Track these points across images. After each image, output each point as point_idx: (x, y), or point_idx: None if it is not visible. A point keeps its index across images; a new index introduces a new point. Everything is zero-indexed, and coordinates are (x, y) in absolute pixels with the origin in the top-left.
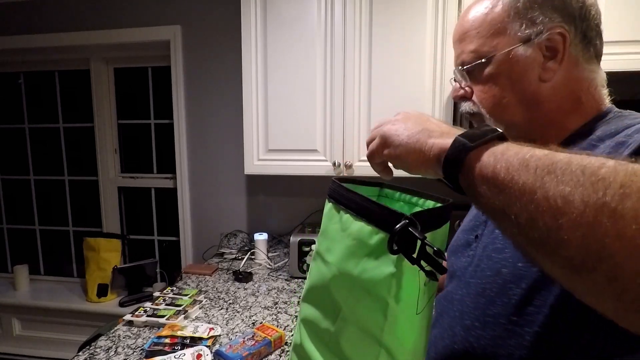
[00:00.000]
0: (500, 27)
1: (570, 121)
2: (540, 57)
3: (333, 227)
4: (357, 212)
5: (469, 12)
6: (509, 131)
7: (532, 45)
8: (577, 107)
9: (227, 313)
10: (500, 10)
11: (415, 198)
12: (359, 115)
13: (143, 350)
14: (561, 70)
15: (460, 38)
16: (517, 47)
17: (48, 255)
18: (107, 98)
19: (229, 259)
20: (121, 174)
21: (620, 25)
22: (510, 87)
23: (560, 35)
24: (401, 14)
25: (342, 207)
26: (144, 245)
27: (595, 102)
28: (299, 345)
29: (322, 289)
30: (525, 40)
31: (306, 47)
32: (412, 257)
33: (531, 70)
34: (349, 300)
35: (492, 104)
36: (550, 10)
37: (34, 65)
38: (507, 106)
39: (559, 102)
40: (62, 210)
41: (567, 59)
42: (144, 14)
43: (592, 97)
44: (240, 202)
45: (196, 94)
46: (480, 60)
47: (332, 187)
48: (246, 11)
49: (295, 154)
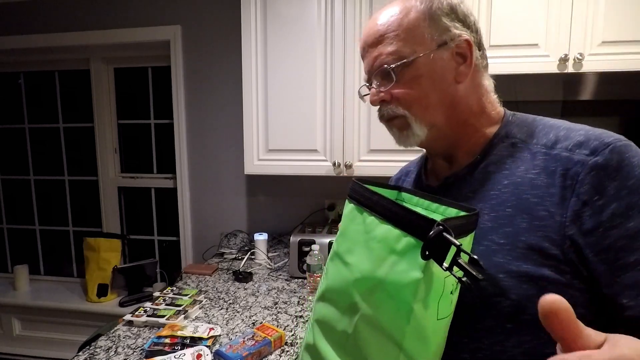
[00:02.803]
0: (418, 32)
1: (481, 122)
2: (453, 61)
3: (355, 229)
4: (384, 215)
5: (378, 17)
6: (431, 132)
7: (447, 49)
8: (483, 110)
9: (227, 313)
10: (415, 17)
11: (435, 205)
12: (359, 115)
13: (143, 350)
14: (470, 74)
15: (377, 41)
16: (436, 50)
17: (48, 255)
18: (107, 98)
19: (229, 259)
20: (121, 174)
21: (620, 25)
22: (432, 88)
23: (466, 43)
24: None
25: (365, 209)
26: (144, 245)
27: (494, 106)
28: (312, 346)
29: (340, 290)
30: (441, 44)
31: (306, 47)
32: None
33: (449, 72)
34: (371, 302)
35: (415, 105)
36: (456, 21)
37: (34, 65)
38: (429, 107)
39: (469, 104)
40: (62, 210)
41: (473, 65)
42: (144, 14)
43: (491, 101)
44: (240, 202)
45: (196, 94)
46: (403, 60)
47: (353, 188)
48: (246, 11)
49: (295, 154)
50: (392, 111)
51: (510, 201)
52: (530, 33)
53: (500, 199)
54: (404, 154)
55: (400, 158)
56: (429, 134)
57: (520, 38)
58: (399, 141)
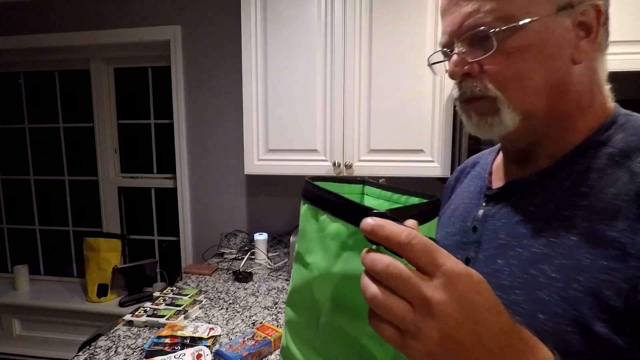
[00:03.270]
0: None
1: (584, 120)
2: (574, 33)
3: (311, 228)
4: (333, 212)
5: None
6: (523, 123)
7: (569, 15)
8: (591, 104)
9: (227, 313)
10: None
11: (397, 195)
12: (359, 115)
13: (143, 350)
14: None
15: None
16: (555, 15)
17: (48, 255)
18: (107, 98)
19: (229, 259)
20: (121, 174)
21: (620, 25)
22: (540, 65)
23: (596, 10)
24: (401, 14)
25: (318, 208)
26: (144, 245)
27: (604, 99)
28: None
29: (303, 291)
30: (563, 7)
31: (306, 47)
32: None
33: (566, 47)
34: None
35: (513, 85)
36: None
37: (34, 65)
38: (530, 90)
39: (580, 93)
40: (62, 210)
41: (597, 41)
42: (144, 14)
43: (602, 93)
44: (240, 202)
45: (196, 94)
46: (511, 24)
47: (306, 188)
48: (246, 11)
49: (295, 154)
50: (479, 90)
51: (579, 228)
52: None
53: (569, 222)
54: (405, 154)
55: (401, 158)
56: (520, 125)
57: None
58: (476, 129)
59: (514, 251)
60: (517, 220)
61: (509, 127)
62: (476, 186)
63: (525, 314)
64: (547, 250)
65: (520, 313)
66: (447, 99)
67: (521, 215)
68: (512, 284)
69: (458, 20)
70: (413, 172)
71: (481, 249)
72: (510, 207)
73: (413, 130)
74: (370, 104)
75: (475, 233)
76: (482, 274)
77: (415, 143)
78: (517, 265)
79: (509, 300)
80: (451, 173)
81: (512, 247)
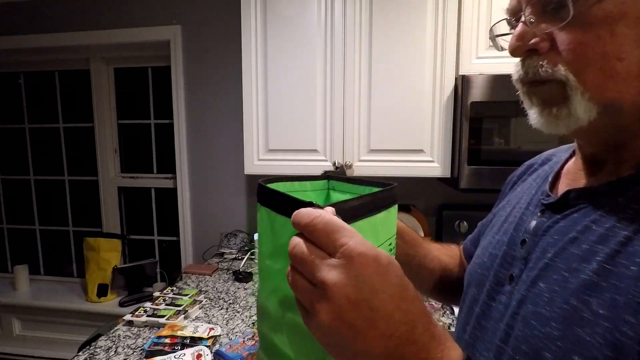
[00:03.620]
0: None
1: None
2: None
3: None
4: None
5: None
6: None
7: None
8: None
9: (227, 313)
10: None
11: (362, 187)
12: (359, 115)
13: (143, 350)
14: None
15: None
16: None
17: (48, 255)
18: (107, 98)
19: (229, 259)
20: (121, 174)
21: None
22: (631, 43)
23: None
24: (401, 14)
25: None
26: (144, 245)
27: None
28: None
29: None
30: None
31: (306, 47)
32: None
33: None
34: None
35: (593, 66)
36: None
37: (34, 65)
38: (619, 73)
39: None
40: (62, 210)
41: None
42: (144, 14)
43: None
44: (240, 202)
45: (196, 94)
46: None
47: (258, 190)
48: (246, 11)
49: (295, 154)
50: (544, 71)
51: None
52: None
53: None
54: (405, 154)
55: (401, 158)
56: (597, 119)
57: None
58: (538, 120)
59: (560, 275)
60: (571, 238)
61: (582, 120)
62: (537, 190)
63: (558, 352)
64: (597, 279)
65: (552, 350)
66: (447, 99)
67: (576, 232)
68: (550, 313)
69: None
70: (413, 172)
71: (527, 268)
72: (567, 221)
73: (413, 130)
74: (370, 104)
75: (524, 248)
76: (522, 298)
77: (415, 143)
78: (560, 293)
79: (542, 332)
80: (451, 173)
81: (557, 270)
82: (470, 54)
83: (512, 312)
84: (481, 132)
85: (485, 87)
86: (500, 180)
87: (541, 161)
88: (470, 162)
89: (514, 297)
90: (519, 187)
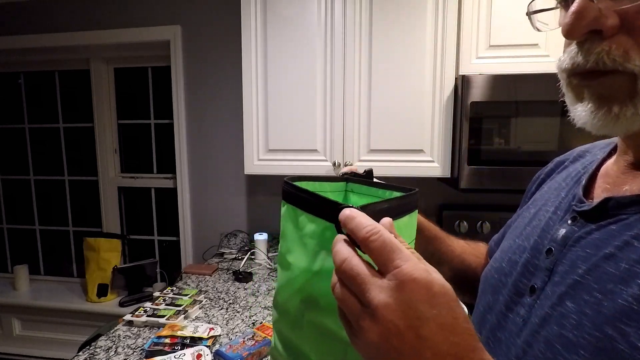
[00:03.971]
0: None
1: None
2: None
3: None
4: (310, 210)
5: None
6: None
7: None
8: None
9: (227, 313)
10: None
11: (381, 191)
12: (359, 115)
13: (143, 350)
14: None
15: None
16: None
17: (48, 255)
18: (107, 98)
19: (229, 259)
20: (121, 174)
21: None
22: None
23: None
24: (401, 14)
25: (296, 207)
26: (144, 245)
27: None
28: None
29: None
30: None
31: (306, 47)
32: None
33: None
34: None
35: None
36: None
37: (34, 65)
38: None
39: None
40: (62, 210)
41: None
42: (144, 14)
43: None
44: (240, 202)
45: (196, 94)
46: None
47: (284, 188)
48: (246, 11)
49: (295, 154)
50: (611, 59)
51: None
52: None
53: None
54: (405, 154)
55: (401, 158)
56: None
57: (520, 38)
58: (588, 120)
59: (592, 296)
60: (607, 254)
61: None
62: (567, 192)
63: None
64: (638, 307)
65: None
66: (447, 99)
67: (614, 247)
68: (577, 339)
69: None
70: (413, 172)
71: (552, 282)
72: (602, 233)
73: (413, 130)
74: (370, 104)
75: (549, 258)
76: (544, 315)
77: (415, 143)
78: (591, 317)
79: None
80: (451, 173)
81: (589, 290)
82: (470, 54)
83: (532, 330)
84: (481, 132)
85: (485, 87)
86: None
87: (572, 158)
88: (470, 162)
89: (535, 312)
90: (545, 186)
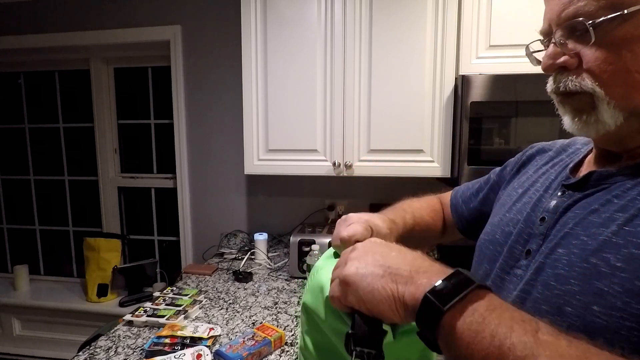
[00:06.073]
0: None
1: None
2: None
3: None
4: None
5: None
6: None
7: None
8: None
9: (227, 313)
10: None
11: None
12: (359, 115)
13: (143, 350)
14: None
15: None
16: None
17: (48, 255)
18: (107, 98)
19: (229, 259)
20: (121, 174)
21: None
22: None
23: None
24: (401, 14)
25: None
26: (144, 245)
27: None
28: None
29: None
30: None
31: (306, 47)
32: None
33: None
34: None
35: (616, 80)
36: None
37: (34, 65)
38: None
39: None
40: (62, 210)
41: None
42: (144, 14)
43: None
44: (240, 202)
45: (196, 94)
46: (615, 13)
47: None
48: (246, 11)
49: (295, 154)
50: (574, 84)
51: None
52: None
53: None
54: (405, 154)
55: (401, 158)
56: (624, 125)
57: (520, 38)
58: (570, 126)
59: (579, 240)
60: (592, 210)
61: (610, 125)
62: (556, 176)
63: (578, 305)
64: (616, 239)
65: (572, 304)
66: (447, 99)
67: (598, 204)
68: (568, 273)
69: (558, 8)
70: (413, 172)
71: (546, 242)
72: (589, 199)
73: (413, 130)
74: (370, 104)
75: (543, 225)
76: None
77: (415, 143)
78: (578, 254)
79: (562, 290)
80: (451, 173)
81: (577, 236)
82: (470, 54)
83: (527, 280)
84: (481, 132)
85: (485, 87)
86: None
87: (556, 149)
88: (470, 162)
89: (531, 267)
90: (531, 170)
